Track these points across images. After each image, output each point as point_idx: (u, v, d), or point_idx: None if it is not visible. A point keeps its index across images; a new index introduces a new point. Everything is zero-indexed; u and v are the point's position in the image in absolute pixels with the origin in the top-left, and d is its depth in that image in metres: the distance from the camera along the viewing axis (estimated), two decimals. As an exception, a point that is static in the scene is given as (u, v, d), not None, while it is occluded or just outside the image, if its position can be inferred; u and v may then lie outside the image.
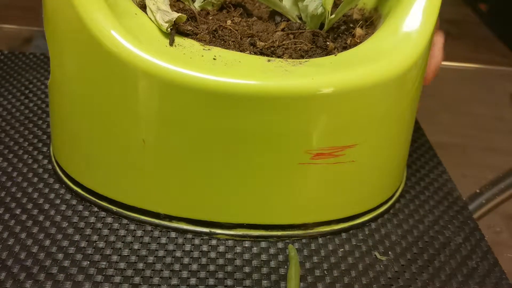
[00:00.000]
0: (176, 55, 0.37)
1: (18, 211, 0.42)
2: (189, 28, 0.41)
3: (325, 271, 0.40)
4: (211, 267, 0.39)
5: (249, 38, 0.41)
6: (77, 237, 0.41)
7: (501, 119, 0.74)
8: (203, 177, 0.39)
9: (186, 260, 0.40)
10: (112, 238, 0.41)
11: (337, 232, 0.43)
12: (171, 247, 0.41)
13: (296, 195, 0.41)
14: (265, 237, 0.42)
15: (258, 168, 0.39)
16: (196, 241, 0.41)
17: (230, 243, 0.42)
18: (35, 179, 0.46)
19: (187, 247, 0.41)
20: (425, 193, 0.49)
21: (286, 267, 0.40)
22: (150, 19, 0.39)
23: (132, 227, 0.42)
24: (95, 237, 0.41)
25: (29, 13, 0.85)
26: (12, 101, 0.56)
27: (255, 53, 0.40)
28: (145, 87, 0.37)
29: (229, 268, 0.39)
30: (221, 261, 0.40)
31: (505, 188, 0.54)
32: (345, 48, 0.42)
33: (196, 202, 0.41)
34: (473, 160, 0.64)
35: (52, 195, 0.44)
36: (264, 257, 0.41)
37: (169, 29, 0.39)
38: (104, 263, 0.39)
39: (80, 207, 0.43)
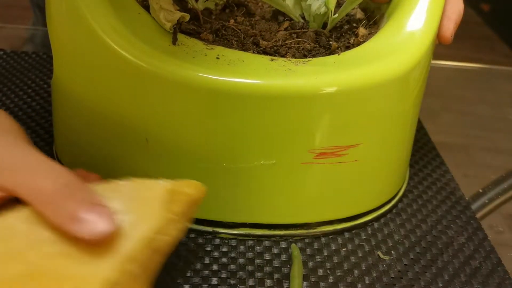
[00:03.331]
0: (179, 54, 0.37)
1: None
2: (192, 27, 0.41)
3: (328, 271, 0.40)
4: (214, 266, 0.39)
5: (252, 38, 0.41)
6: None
7: (504, 119, 0.74)
8: (206, 176, 0.39)
9: (189, 259, 0.39)
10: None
11: (340, 232, 0.43)
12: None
13: (299, 195, 0.41)
14: (268, 237, 0.42)
15: (261, 167, 0.39)
16: (200, 240, 0.41)
17: (233, 242, 0.41)
18: (38, 178, 0.46)
19: (191, 246, 0.41)
20: (428, 193, 0.49)
21: (289, 266, 0.40)
22: (153, 18, 0.39)
23: (135, 226, 0.42)
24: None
25: (31, 12, 0.85)
26: (14, 100, 0.56)
27: (258, 52, 0.40)
28: (148, 86, 0.37)
29: (232, 267, 0.39)
30: (224, 260, 0.40)
31: (508, 188, 0.54)
32: (348, 47, 0.42)
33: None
34: (476, 160, 0.64)
35: (55, 194, 0.44)
36: (267, 256, 0.41)
37: (172, 28, 0.39)
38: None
39: (83, 206, 0.43)
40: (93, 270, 0.27)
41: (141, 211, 0.30)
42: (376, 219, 0.45)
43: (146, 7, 0.40)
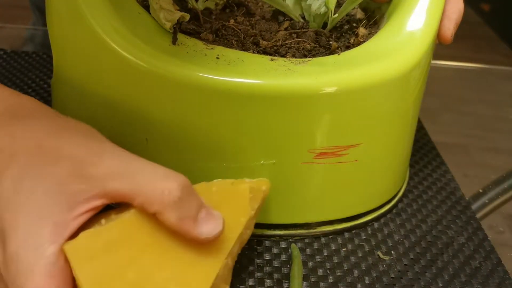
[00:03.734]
0: (179, 54, 0.37)
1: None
2: (192, 27, 0.41)
3: (328, 271, 0.40)
4: (214, 266, 0.39)
5: (252, 37, 0.41)
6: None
7: (504, 119, 0.74)
8: (206, 176, 0.39)
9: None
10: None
11: (340, 232, 0.43)
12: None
13: (299, 195, 0.41)
14: (268, 236, 0.42)
15: (261, 167, 0.39)
16: (199, 240, 0.41)
17: (233, 242, 0.41)
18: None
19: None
20: (428, 193, 0.49)
21: (289, 266, 0.40)
22: (153, 18, 0.39)
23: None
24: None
25: (32, 13, 0.85)
26: (14, 100, 0.56)
27: (258, 52, 0.40)
28: (148, 85, 0.37)
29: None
30: (224, 260, 0.40)
31: (508, 188, 0.54)
32: (348, 47, 0.42)
33: (199, 201, 0.41)
34: (476, 160, 0.64)
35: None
36: (267, 256, 0.41)
37: (172, 28, 0.39)
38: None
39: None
40: (202, 269, 0.30)
41: (232, 209, 0.33)
42: (376, 219, 0.45)
43: (146, 7, 0.40)
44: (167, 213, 0.29)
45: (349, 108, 0.38)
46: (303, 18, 0.44)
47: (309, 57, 0.40)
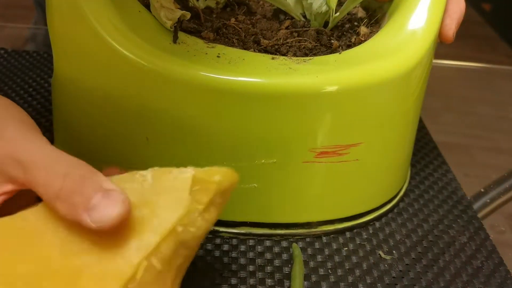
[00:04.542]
0: (179, 53, 0.37)
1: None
2: (193, 26, 0.41)
3: (329, 270, 0.40)
4: (216, 266, 0.39)
5: (253, 36, 0.41)
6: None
7: (505, 119, 0.74)
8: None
9: (189, 259, 0.39)
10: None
11: (341, 231, 0.43)
12: (174, 245, 0.40)
13: (300, 194, 0.41)
14: (269, 236, 0.42)
15: (262, 166, 0.39)
16: (200, 240, 0.41)
17: (234, 241, 0.41)
18: (39, 177, 0.46)
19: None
20: (429, 192, 0.49)
21: (290, 266, 0.40)
22: (154, 16, 0.39)
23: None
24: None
25: (32, 12, 0.85)
26: (15, 99, 0.56)
27: (259, 51, 0.40)
28: (148, 84, 0.37)
29: (233, 267, 0.39)
30: (225, 260, 0.40)
31: (509, 187, 0.54)
32: (349, 46, 0.41)
33: (199, 200, 0.41)
34: (477, 160, 0.64)
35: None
36: (268, 255, 0.40)
37: (172, 27, 0.39)
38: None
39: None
40: (112, 267, 0.26)
41: (164, 202, 0.28)
42: (377, 218, 0.45)
43: (147, 6, 0.40)
44: (58, 203, 0.27)
45: (350, 107, 0.38)
46: (304, 17, 0.44)
47: (310, 56, 0.40)
